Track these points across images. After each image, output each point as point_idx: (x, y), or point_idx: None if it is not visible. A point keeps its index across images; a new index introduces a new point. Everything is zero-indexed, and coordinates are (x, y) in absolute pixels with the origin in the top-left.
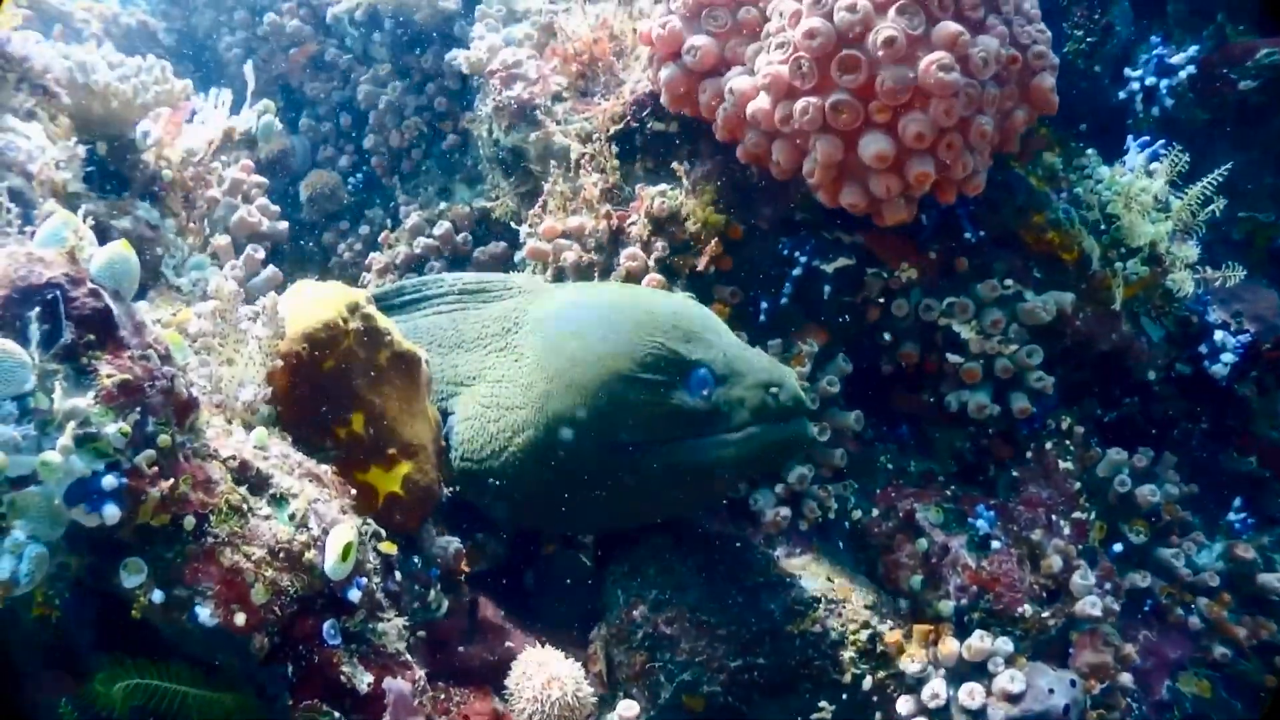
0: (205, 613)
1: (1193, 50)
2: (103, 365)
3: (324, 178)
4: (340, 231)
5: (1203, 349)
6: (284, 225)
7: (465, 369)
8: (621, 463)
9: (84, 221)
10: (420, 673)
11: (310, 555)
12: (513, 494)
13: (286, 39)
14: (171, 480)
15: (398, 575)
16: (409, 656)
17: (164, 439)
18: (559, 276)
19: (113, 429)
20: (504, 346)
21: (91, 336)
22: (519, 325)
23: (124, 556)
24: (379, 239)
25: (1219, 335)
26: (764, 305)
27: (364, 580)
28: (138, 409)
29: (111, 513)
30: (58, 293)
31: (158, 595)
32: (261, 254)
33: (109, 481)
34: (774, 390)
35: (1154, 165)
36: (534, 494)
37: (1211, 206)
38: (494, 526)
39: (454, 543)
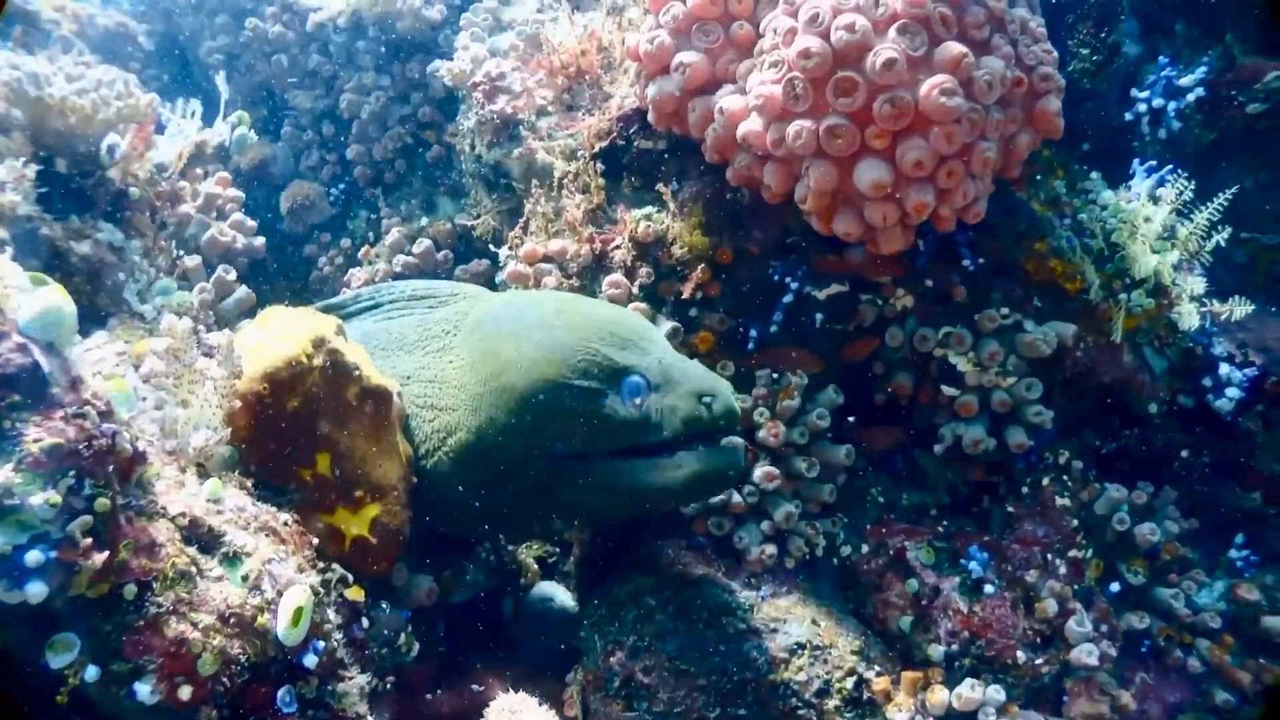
0: (145, 689)
1: (1201, 71)
2: (30, 429)
3: (305, 189)
4: (322, 244)
5: (1207, 382)
6: (260, 241)
7: (402, 369)
8: (552, 473)
9: (25, 246)
10: None
11: (263, 620)
12: (446, 496)
13: (269, 46)
14: (108, 551)
15: (365, 622)
16: (371, 718)
17: (102, 503)
18: None
19: (39, 500)
20: (442, 348)
21: (16, 397)
22: (458, 328)
23: (56, 630)
24: (359, 253)
25: (1224, 369)
26: (753, 333)
27: (321, 644)
28: (71, 473)
29: (36, 590)
30: None
31: (92, 672)
32: (233, 275)
33: (34, 557)
34: (707, 400)
35: (1160, 191)
36: (467, 497)
37: (1217, 237)
38: (474, 554)
39: (426, 582)
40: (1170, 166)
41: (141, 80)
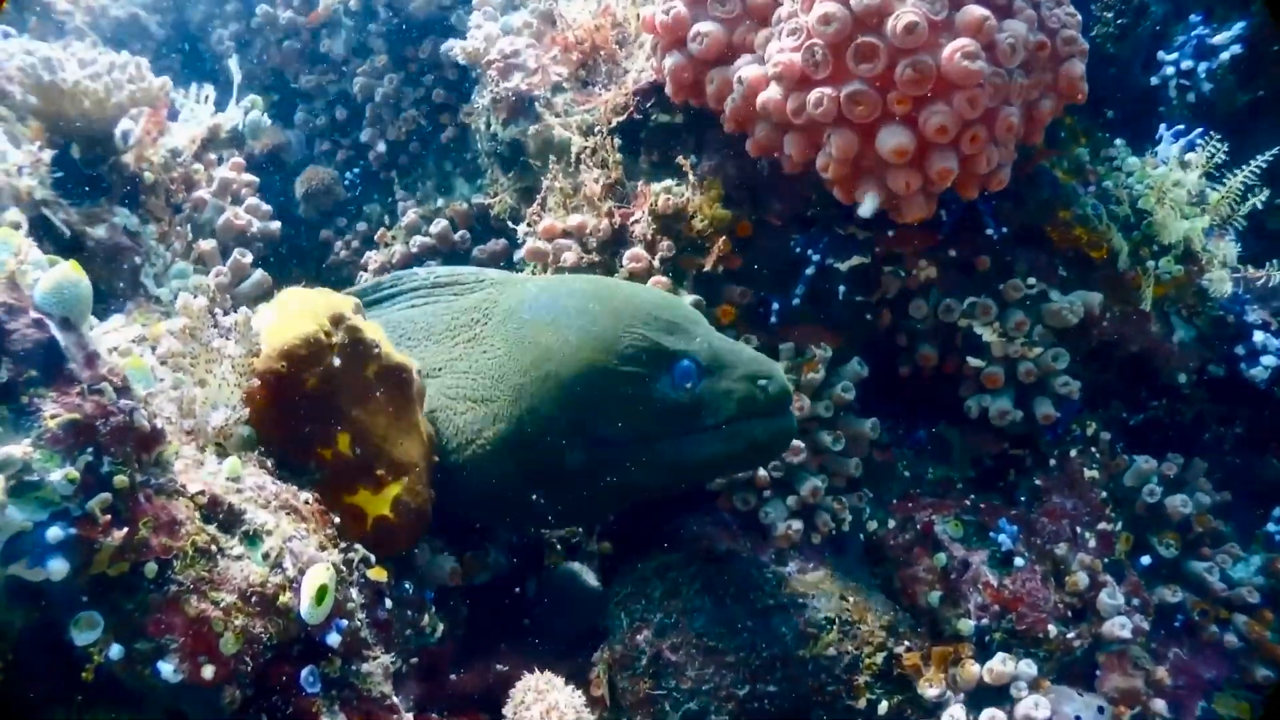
0: (169, 668)
1: (1238, 28)
2: (47, 404)
3: (320, 174)
4: (338, 228)
5: (1239, 350)
6: (275, 225)
7: (432, 361)
8: (598, 460)
9: (41, 231)
10: (407, 717)
11: (285, 598)
12: (481, 488)
13: (280, 31)
14: (128, 528)
15: (388, 603)
16: (395, 699)
17: (121, 480)
18: None
19: (58, 475)
20: (473, 338)
21: (34, 372)
22: (489, 316)
23: (78, 609)
24: (375, 237)
25: (1259, 336)
26: (775, 306)
27: (344, 622)
28: (89, 450)
29: (58, 567)
30: None
31: (116, 651)
32: (249, 259)
33: (54, 533)
34: (762, 383)
35: (1189, 156)
36: (504, 489)
37: (1252, 200)
38: (495, 536)
39: (449, 562)
40: (1200, 129)
41: (154, 70)
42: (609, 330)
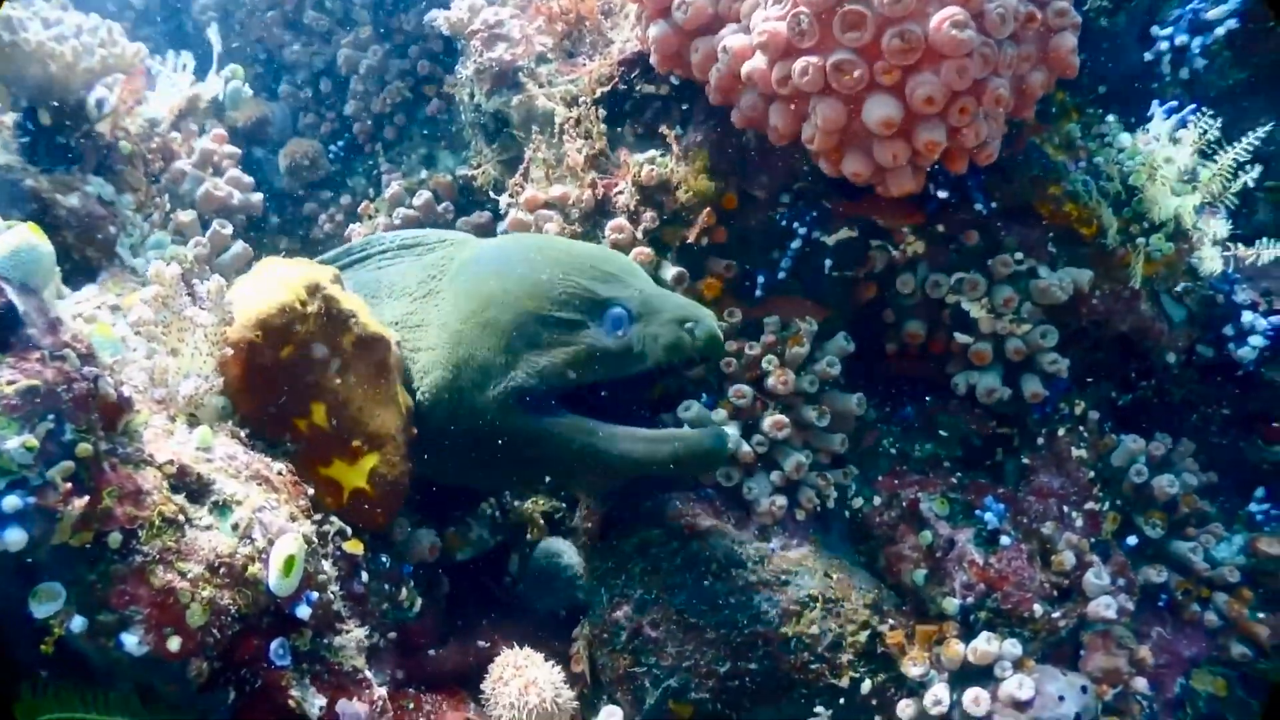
0: (133, 640)
1: (1235, 2)
2: (3, 370)
3: (304, 146)
4: (322, 202)
5: (1228, 330)
6: (258, 197)
7: (389, 317)
8: (530, 418)
9: (8, 198)
10: (380, 691)
11: (254, 569)
12: (425, 441)
13: (264, 2)
14: (89, 497)
15: (364, 576)
16: (368, 674)
17: (84, 448)
18: None
19: (15, 443)
20: (428, 293)
21: None
22: (444, 272)
23: (40, 579)
24: (359, 209)
25: (1248, 316)
26: (760, 279)
27: (315, 595)
28: (50, 417)
29: (15, 538)
30: None
31: (78, 623)
32: (229, 230)
33: (12, 502)
34: (689, 326)
35: (1181, 133)
36: (442, 443)
37: (1244, 178)
38: (478, 512)
39: (429, 536)
40: (1193, 106)
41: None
42: (547, 278)
